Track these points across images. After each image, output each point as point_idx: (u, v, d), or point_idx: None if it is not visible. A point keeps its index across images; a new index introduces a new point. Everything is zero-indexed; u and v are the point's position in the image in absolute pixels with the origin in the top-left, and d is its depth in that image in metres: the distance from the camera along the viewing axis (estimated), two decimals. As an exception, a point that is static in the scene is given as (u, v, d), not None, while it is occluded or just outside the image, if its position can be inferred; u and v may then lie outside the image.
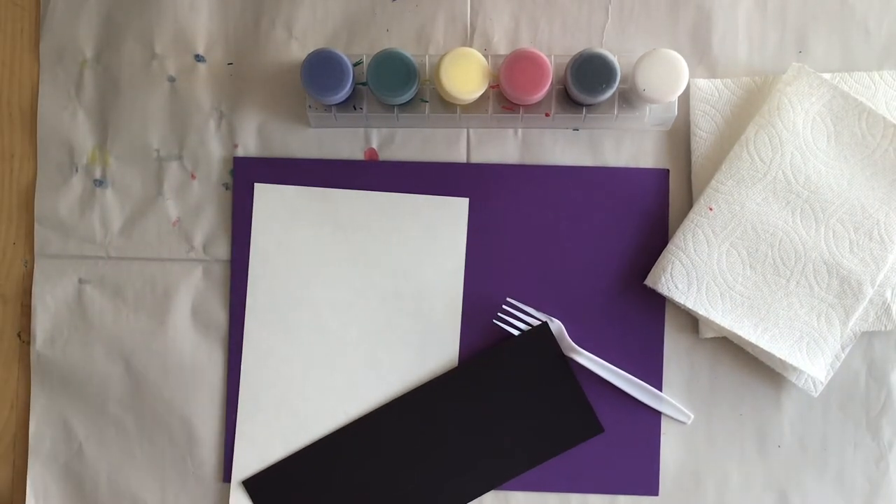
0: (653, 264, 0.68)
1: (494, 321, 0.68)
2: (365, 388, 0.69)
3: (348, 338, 0.69)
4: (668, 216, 0.69)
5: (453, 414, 0.68)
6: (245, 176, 0.70)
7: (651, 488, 0.68)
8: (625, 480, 0.68)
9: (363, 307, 0.69)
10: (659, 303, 0.69)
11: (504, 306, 0.68)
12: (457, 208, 0.69)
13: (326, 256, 0.69)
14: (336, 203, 0.69)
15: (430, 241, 0.69)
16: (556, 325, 0.68)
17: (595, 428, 0.68)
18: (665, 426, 0.69)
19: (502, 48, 0.70)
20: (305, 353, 0.69)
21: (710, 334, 0.68)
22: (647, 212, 0.69)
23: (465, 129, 0.70)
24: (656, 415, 0.68)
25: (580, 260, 0.69)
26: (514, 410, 0.68)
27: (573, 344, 0.68)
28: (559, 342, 0.68)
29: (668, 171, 0.69)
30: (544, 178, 0.69)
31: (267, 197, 0.69)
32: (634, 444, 0.68)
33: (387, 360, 0.69)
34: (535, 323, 0.68)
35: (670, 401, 0.68)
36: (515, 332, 0.68)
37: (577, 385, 0.68)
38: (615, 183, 0.69)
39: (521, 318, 0.68)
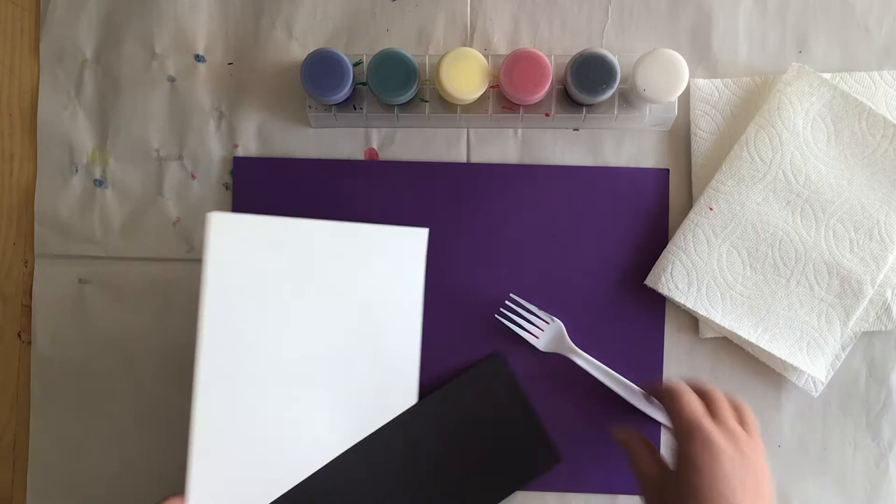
0: (653, 264, 0.68)
1: (496, 316, 0.68)
2: (328, 430, 0.65)
3: (311, 377, 0.63)
4: (668, 216, 0.69)
5: (413, 453, 0.67)
6: (245, 176, 0.70)
7: None
8: (625, 480, 0.68)
9: (325, 342, 0.64)
10: (659, 303, 0.69)
11: (507, 302, 0.68)
12: (416, 240, 0.67)
13: (286, 289, 0.62)
14: (296, 234, 0.62)
15: (391, 273, 0.66)
16: (557, 325, 0.68)
17: (553, 458, 0.68)
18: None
19: (502, 48, 0.70)
20: (266, 394, 0.62)
21: (710, 334, 0.68)
22: (647, 211, 0.69)
23: (465, 129, 0.70)
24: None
25: (580, 259, 0.69)
26: (473, 446, 0.67)
27: (573, 345, 0.67)
28: (560, 342, 0.68)
29: (668, 170, 0.69)
30: (544, 177, 0.69)
31: (223, 228, 0.59)
32: None
33: (347, 398, 0.65)
34: (537, 321, 0.68)
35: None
36: (516, 329, 0.68)
37: (533, 415, 0.67)
38: (615, 182, 0.69)
39: (522, 314, 0.68)
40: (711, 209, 0.67)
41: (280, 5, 0.70)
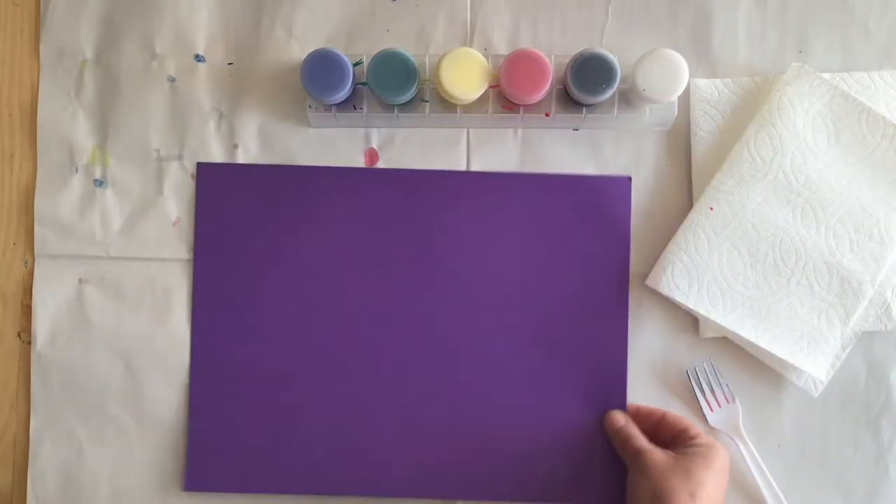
0: (613, 270, 0.68)
1: (686, 372, 0.68)
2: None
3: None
4: (629, 223, 0.68)
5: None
6: (209, 184, 0.69)
7: None
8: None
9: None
10: (622, 315, 0.69)
11: (703, 364, 0.68)
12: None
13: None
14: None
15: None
16: (736, 408, 0.68)
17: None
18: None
19: (502, 48, 0.70)
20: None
21: (710, 334, 0.68)
22: (607, 219, 0.69)
23: (465, 129, 0.70)
24: None
25: (548, 268, 0.68)
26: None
27: (744, 433, 0.67)
28: (732, 425, 0.67)
29: (629, 178, 0.69)
30: (506, 186, 0.69)
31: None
32: None
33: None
34: (719, 396, 0.68)
35: None
36: (697, 393, 0.68)
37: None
38: (574, 191, 0.69)
39: (710, 381, 0.68)
40: (712, 209, 0.67)
41: (280, 5, 0.70)
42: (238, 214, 0.69)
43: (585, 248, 0.68)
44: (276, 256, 0.68)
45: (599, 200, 0.69)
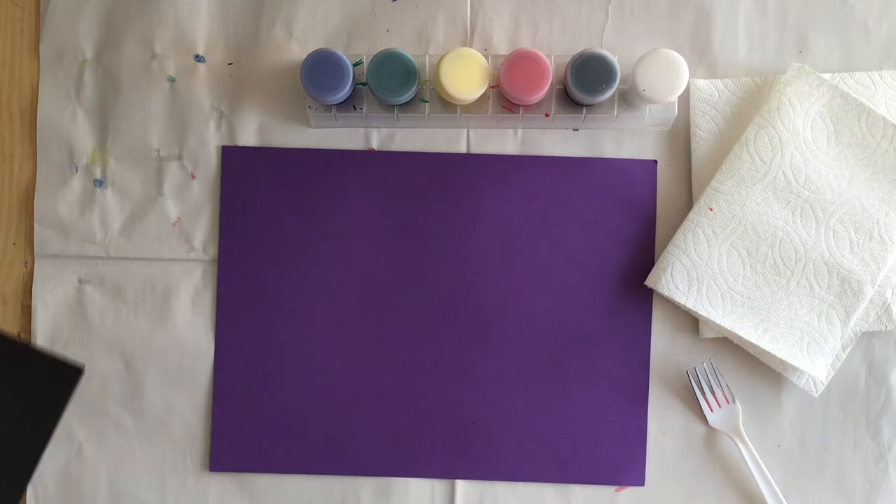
0: (640, 256, 0.68)
1: (686, 372, 0.68)
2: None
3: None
4: (655, 207, 0.69)
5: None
6: (234, 166, 0.69)
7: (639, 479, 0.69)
8: (615, 471, 0.68)
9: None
10: (646, 297, 0.69)
11: (703, 364, 0.68)
12: None
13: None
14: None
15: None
16: (736, 408, 0.68)
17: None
18: (665, 425, 0.69)
19: (502, 48, 0.70)
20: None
21: (710, 334, 0.68)
22: (635, 203, 0.69)
23: (465, 130, 0.70)
24: (643, 408, 0.68)
25: (565, 251, 0.69)
26: None
27: (743, 433, 0.67)
28: (732, 426, 0.67)
29: (655, 161, 0.69)
30: (535, 169, 0.69)
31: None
32: (625, 437, 0.68)
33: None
34: (719, 396, 0.68)
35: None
36: (697, 393, 0.68)
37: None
38: (603, 174, 0.69)
39: (710, 382, 0.68)
40: (711, 209, 0.67)
41: (280, 5, 0.70)
42: (262, 196, 0.69)
43: (610, 230, 0.69)
44: (301, 238, 0.69)
45: (624, 184, 0.69)
